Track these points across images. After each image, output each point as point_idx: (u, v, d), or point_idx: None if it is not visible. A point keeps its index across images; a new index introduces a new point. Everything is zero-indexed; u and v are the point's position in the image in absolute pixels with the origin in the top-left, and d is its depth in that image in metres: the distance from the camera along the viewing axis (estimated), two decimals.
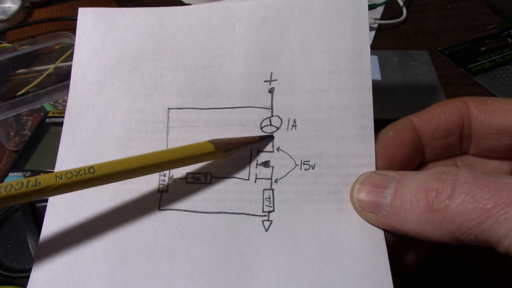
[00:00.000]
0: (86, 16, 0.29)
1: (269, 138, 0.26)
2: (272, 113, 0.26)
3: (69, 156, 0.27)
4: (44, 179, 0.21)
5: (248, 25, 0.28)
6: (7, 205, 0.21)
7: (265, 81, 0.27)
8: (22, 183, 0.21)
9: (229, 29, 0.28)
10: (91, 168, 0.22)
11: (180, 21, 0.28)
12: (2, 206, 0.21)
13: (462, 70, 0.50)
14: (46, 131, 0.39)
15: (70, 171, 0.21)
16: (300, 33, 0.27)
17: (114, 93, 0.28)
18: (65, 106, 0.42)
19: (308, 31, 0.27)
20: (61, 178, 0.21)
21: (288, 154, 0.26)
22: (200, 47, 0.28)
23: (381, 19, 0.60)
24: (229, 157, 0.26)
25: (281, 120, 0.26)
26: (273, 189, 0.25)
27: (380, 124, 0.26)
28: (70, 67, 0.29)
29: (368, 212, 0.23)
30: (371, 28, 0.57)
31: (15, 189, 0.20)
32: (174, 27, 0.28)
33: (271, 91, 0.27)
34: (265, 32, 0.27)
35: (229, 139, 0.26)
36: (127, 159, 0.23)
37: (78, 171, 0.22)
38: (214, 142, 0.25)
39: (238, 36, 0.27)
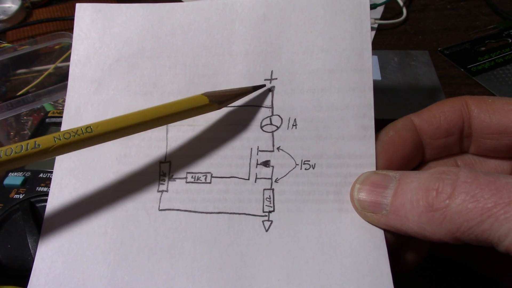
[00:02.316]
0: (83, 12, 0.29)
1: (261, 86, 0.26)
2: (272, 112, 0.26)
3: (68, 156, 0.27)
4: (43, 141, 0.21)
5: (248, 22, 0.27)
6: (8, 168, 0.21)
7: (265, 80, 0.27)
8: (22, 146, 0.21)
9: (229, 26, 0.28)
10: (88, 127, 0.22)
11: (179, 17, 0.28)
12: (3, 169, 0.21)
13: (462, 70, 0.50)
14: (46, 131, 0.39)
15: (68, 132, 0.22)
16: (300, 31, 0.27)
17: (113, 91, 0.28)
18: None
19: (309, 29, 0.27)
20: (60, 139, 0.22)
21: (288, 154, 0.26)
22: (199, 44, 0.28)
23: (381, 19, 0.60)
24: (229, 156, 0.26)
25: (281, 119, 0.26)
26: (273, 189, 0.25)
27: (380, 124, 0.26)
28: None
29: (368, 212, 0.23)
30: (371, 28, 0.57)
31: (15, 152, 0.21)
32: (173, 24, 0.28)
33: (271, 90, 0.27)
34: (266, 30, 0.27)
35: (223, 91, 0.26)
36: (123, 116, 0.23)
37: (76, 131, 0.22)
38: (208, 94, 0.25)
39: (238, 34, 0.27)
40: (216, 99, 0.25)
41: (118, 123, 0.23)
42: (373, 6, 0.58)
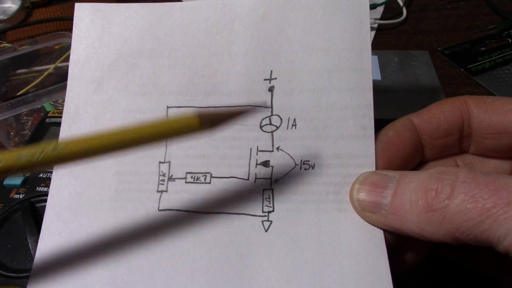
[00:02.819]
0: (83, 12, 0.29)
1: (259, 106, 0.25)
2: (272, 112, 0.26)
3: None
4: (4, 158, 0.19)
5: (247, 22, 0.27)
6: None
7: (264, 80, 0.27)
8: None
9: (228, 26, 0.28)
10: (58, 145, 0.19)
11: (178, 17, 0.28)
12: None
13: (462, 70, 0.50)
14: (46, 131, 0.39)
15: (35, 148, 0.19)
16: (300, 30, 0.27)
17: (112, 91, 0.28)
18: None
19: (308, 29, 0.27)
20: (26, 157, 0.19)
21: (288, 154, 0.26)
22: (199, 44, 0.28)
23: (381, 19, 0.60)
24: (229, 156, 0.26)
25: (281, 119, 0.26)
26: (272, 189, 0.25)
27: (380, 124, 0.26)
28: None
29: (368, 212, 0.23)
30: (371, 28, 0.57)
31: None
32: (172, 24, 0.28)
33: (271, 89, 0.27)
34: (265, 30, 0.27)
35: (216, 111, 0.22)
36: (98, 134, 0.20)
37: (43, 148, 0.19)
38: (199, 114, 0.21)
39: (237, 33, 0.27)
40: (208, 121, 0.21)
41: (92, 142, 0.20)
42: (373, 6, 0.58)
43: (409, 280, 0.29)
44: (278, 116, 0.26)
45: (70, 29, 0.28)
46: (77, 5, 0.29)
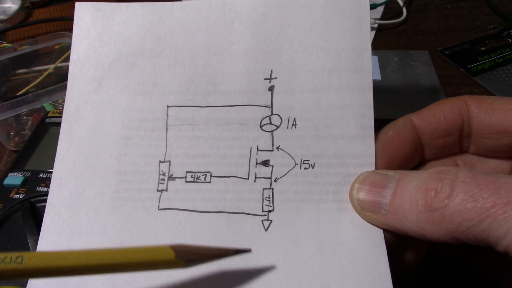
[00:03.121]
0: (83, 11, 0.29)
1: (245, 251, 0.22)
2: (272, 111, 0.26)
3: (68, 155, 0.27)
4: None
5: (247, 21, 0.27)
6: None
7: (265, 79, 0.27)
8: None
9: (228, 25, 0.28)
10: (18, 257, 0.18)
11: (178, 16, 0.28)
12: None
13: (462, 70, 0.50)
14: (46, 131, 0.39)
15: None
16: (300, 30, 0.27)
17: (112, 91, 0.28)
18: None
19: (308, 28, 0.27)
20: None
21: (288, 153, 0.26)
22: (199, 43, 0.28)
23: (381, 19, 0.60)
24: (229, 156, 0.26)
25: (281, 118, 0.26)
26: (272, 189, 0.25)
27: (380, 124, 0.26)
28: None
29: (368, 211, 0.23)
30: (371, 28, 0.57)
31: None
32: (172, 23, 0.28)
33: (271, 89, 0.27)
34: (265, 29, 0.27)
35: (196, 248, 0.21)
36: (64, 253, 0.19)
37: (3, 258, 0.18)
38: (176, 249, 0.20)
39: (237, 33, 0.27)
40: (185, 256, 0.20)
41: (57, 261, 0.18)
42: (373, 6, 0.58)
43: (409, 279, 0.29)
44: (278, 115, 0.26)
45: (70, 29, 0.28)
46: (77, 4, 0.29)
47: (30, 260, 0.18)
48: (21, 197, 0.32)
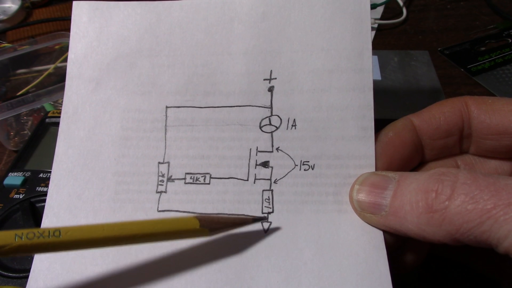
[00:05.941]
0: (81, 10, 0.28)
1: (262, 218, 0.25)
2: (271, 112, 0.26)
3: (66, 156, 0.27)
4: (1, 237, 0.19)
5: (247, 21, 0.27)
6: None
7: (264, 80, 0.27)
8: None
9: (227, 25, 0.27)
10: (56, 231, 0.19)
11: (177, 16, 0.28)
12: None
13: (462, 70, 0.50)
14: (46, 131, 0.39)
15: (32, 231, 0.19)
16: (300, 30, 0.27)
17: (111, 91, 0.28)
18: None
19: (308, 28, 0.27)
20: (21, 238, 0.19)
21: (288, 154, 0.26)
22: (198, 43, 0.27)
23: (381, 19, 0.60)
24: (228, 157, 0.26)
25: (280, 119, 0.26)
26: (272, 190, 0.25)
27: (380, 124, 0.26)
28: None
29: (368, 213, 0.23)
30: (371, 28, 0.57)
31: None
32: (171, 23, 0.28)
33: (270, 89, 0.26)
34: (265, 29, 0.27)
35: (218, 217, 0.24)
36: (98, 226, 0.21)
37: (42, 232, 0.19)
38: (200, 218, 0.23)
39: (237, 33, 0.27)
40: (209, 225, 0.23)
41: (92, 233, 0.20)
42: (373, 6, 0.58)
43: (409, 281, 0.29)
44: (278, 116, 0.26)
45: (70, 29, 0.28)
46: (75, 3, 0.28)
47: (67, 233, 0.20)
48: (21, 197, 0.32)
